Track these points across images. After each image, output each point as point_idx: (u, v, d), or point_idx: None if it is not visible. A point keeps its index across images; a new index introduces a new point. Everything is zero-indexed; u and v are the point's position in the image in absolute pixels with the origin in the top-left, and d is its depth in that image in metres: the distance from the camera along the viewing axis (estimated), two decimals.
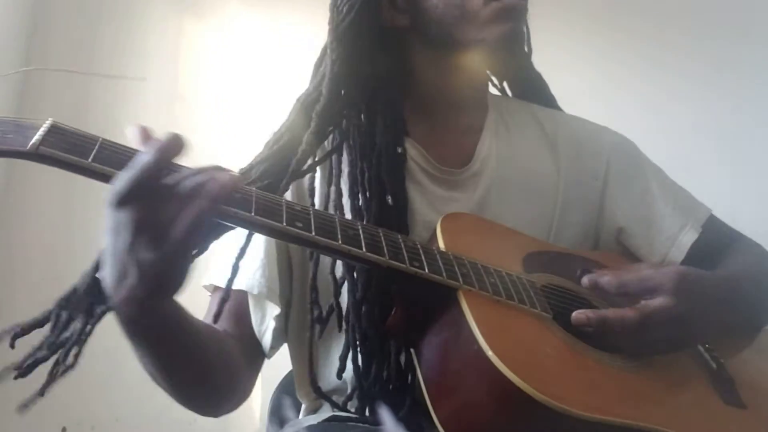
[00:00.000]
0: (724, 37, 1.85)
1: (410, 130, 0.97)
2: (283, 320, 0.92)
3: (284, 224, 0.70)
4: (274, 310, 0.91)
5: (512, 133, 1.04)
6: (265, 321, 0.91)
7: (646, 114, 1.82)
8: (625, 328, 0.79)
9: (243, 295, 0.91)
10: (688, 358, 0.87)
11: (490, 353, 0.69)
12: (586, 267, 0.90)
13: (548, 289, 0.86)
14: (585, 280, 0.86)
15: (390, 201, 0.90)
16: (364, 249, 0.73)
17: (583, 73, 1.79)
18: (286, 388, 1.01)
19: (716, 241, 1.04)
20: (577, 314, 0.80)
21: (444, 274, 0.76)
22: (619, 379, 0.78)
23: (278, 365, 0.96)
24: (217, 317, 0.86)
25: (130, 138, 0.66)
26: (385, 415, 0.83)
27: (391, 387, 0.83)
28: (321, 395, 0.89)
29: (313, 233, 0.71)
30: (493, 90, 1.11)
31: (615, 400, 0.74)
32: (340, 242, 0.72)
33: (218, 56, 1.94)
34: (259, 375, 0.95)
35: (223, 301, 0.85)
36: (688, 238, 1.01)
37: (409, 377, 0.83)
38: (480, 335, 0.71)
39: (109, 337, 0.78)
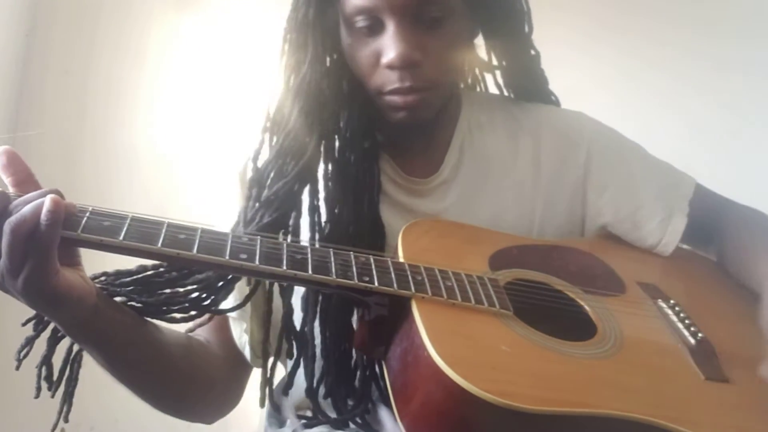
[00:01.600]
0: (727, 34, 1.81)
1: (379, 137, 0.97)
2: (261, 333, 0.94)
3: (227, 258, 0.74)
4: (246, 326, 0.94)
5: (486, 131, 1.03)
6: (243, 336, 0.95)
7: (647, 111, 1.79)
8: None
9: None
10: (665, 336, 0.86)
11: (436, 357, 0.71)
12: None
13: (513, 285, 0.87)
14: None
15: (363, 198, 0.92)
16: (310, 271, 0.76)
17: (584, 69, 1.77)
18: (285, 388, 1.04)
19: (706, 211, 1.03)
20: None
21: (395, 285, 0.78)
22: (586, 367, 0.78)
23: (278, 365, 1.00)
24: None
25: None
26: (385, 416, 0.86)
27: (357, 398, 0.86)
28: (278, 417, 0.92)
29: (257, 263, 0.74)
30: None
31: (576, 391, 0.74)
32: (285, 268, 0.75)
33: (216, 54, 1.96)
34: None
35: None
36: (680, 222, 1.01)
37: (372, 386, 0.86)
38: (428, 340, 0.73)
39: None
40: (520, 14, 1.02)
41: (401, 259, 0.85)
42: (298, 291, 0.90)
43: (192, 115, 1.93)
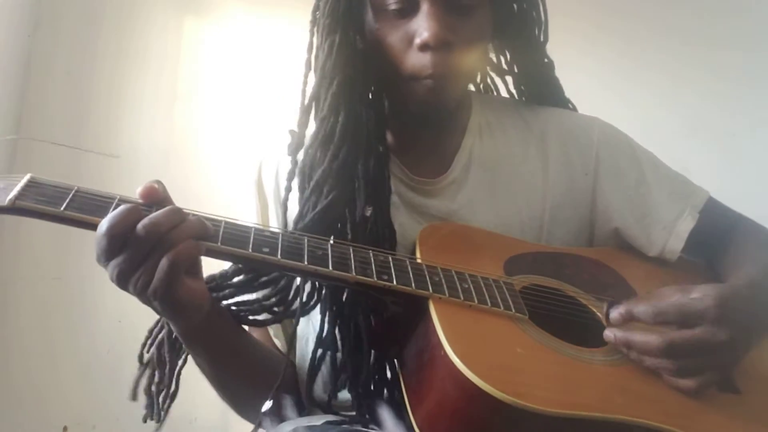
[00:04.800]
0: (727, 38, 1.83)
1: (388, 139, 0.98)
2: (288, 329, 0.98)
3: (250, 251, 0.75)
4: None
5: (496, 133, 1.04)
6: (279, 335, 0.99)
7: (647, 111, 1.81)
8: (647, 352, 0.79)
9: None
10: None
11: (453, 356, 0.72)
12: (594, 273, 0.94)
13: (528, 290, 0.87)
14: (615, 314, 0.82)
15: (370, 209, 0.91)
16: (330, 267, 0.77)
17: (583, 71, 1.78)
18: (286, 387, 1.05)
19: (716, 225, 1.03)
20: (607, 332, 0.82)
21: (413, 284, 0.79)
22: (597, 373, 0.79)
23: None
24: None
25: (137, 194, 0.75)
26: (386, 415, 0.86)
27: (374, 394, 0.87)
28: (314, 405, 0.93)
29: (279, 257, 0.75)
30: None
31: (589, 395, 0.75)
32: (306, 263, 0.76)
33: (218, 55, 1.98)
34: None
35: None
36: (685, 225, 1.00)
37: (387, 383, 0.87)
38: (445, 340, 0.74)
39: (110, 337, 0.84)
40: (537, 22, 1.04)
41: (418, 260, 0.86)
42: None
43: (194, 117, 1.93)
